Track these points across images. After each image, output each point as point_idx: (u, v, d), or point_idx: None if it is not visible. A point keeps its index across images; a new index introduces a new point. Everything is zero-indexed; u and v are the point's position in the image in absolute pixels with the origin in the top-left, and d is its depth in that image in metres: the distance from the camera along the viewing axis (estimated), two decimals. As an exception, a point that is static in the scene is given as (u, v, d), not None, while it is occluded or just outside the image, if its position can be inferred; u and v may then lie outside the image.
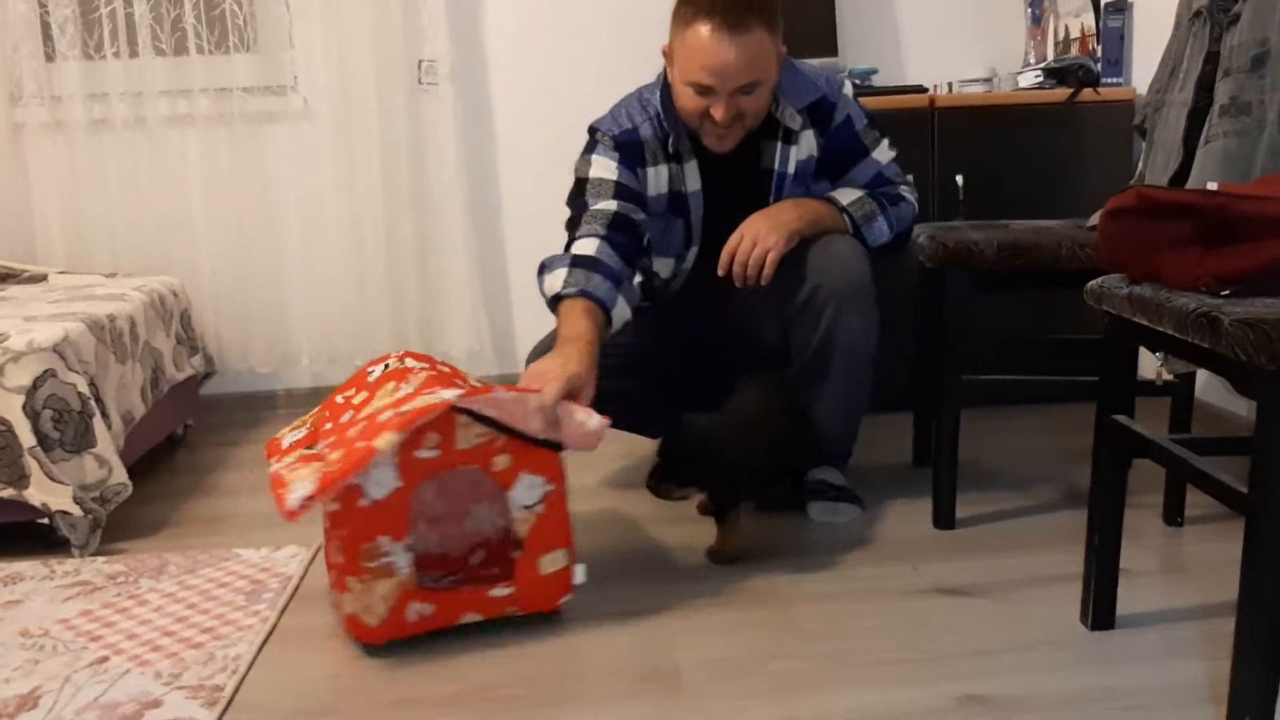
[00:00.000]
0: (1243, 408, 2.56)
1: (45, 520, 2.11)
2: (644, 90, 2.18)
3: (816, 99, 2.11)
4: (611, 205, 2.07)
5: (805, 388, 2.11)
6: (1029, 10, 3.24)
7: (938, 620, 1.70)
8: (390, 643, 1.65)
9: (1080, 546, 1.67)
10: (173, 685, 1.57)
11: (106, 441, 2.17)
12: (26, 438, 2.07)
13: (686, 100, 2.02)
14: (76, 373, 2.14)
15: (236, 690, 1.56)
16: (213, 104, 3.13)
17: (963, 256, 1.98)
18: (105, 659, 1.66)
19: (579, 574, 1.73)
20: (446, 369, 1.80)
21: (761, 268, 1.99)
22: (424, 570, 1.71)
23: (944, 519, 2.09)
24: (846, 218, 2.09)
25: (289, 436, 1.82)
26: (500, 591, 1.68)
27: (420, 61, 3.14)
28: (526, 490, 1.65)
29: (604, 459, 2.66)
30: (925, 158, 2.87)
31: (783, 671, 1.55)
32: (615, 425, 2.47)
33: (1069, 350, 2.59)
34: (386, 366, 1.82)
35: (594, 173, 2.12)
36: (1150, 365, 2.25)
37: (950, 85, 3.09)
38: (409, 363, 1.80)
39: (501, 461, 1.63)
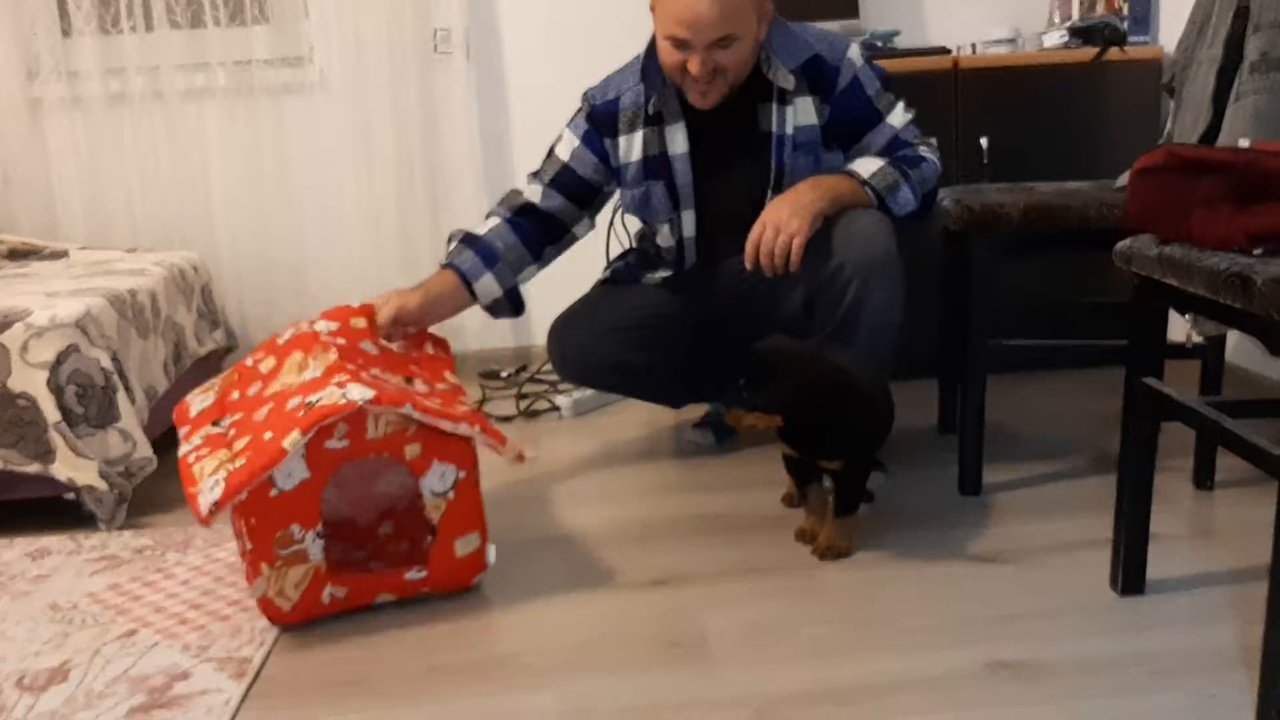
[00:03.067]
0: (1274, 370, 2.53)
1: (71, 495, 2.13)
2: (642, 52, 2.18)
3: (810, 59, 2.07)
4: (535, 191, 2.24)
5: None
6: (1053, -32, 3.18)
7: (966, 586, 1.69)
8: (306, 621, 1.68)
9: (1109, 511, 1.66)
10: (201, 657, 1.58)
11: (130, 416, 2.17)
12: (51, 413, 2.08)
13: (666, 55, 2.04)
14: (99, 348, 2.14)
15: (264, 662, 1.57)
16: (230, 77, 3.12)
17: (988, 220, 1.96)
18: (133, 632, 1.68)
19: (491, 555, 1.75)
20: (339, 334, 1.85)
21: (789, 255, 1.96)
22: (332, 539, 1.70)
23: (971, 485, 2.07)
24: (869, 190, 2.03)
25: (197, 402, 1.84)
26: (414, 575, 1.70)
27: (435, 30, 3.13)
28: (438, 478, 1.67)
29: (627, 429, 2.66)
30: (949, 120, 2.83)
31: (810, 638, 1.55)
32: (639, 396, 2.50)
33: (1096, 313, 2.57)
34: (297, 329, 1.86)
35: (558, 147, 2.26)
36: (1179, 328, 2.23)
37: (974, 46, 3.04)
38: (320, 326, 1.85)
39: (413, 450, 1.65)
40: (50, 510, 2.17)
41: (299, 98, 3.19)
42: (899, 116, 2.11)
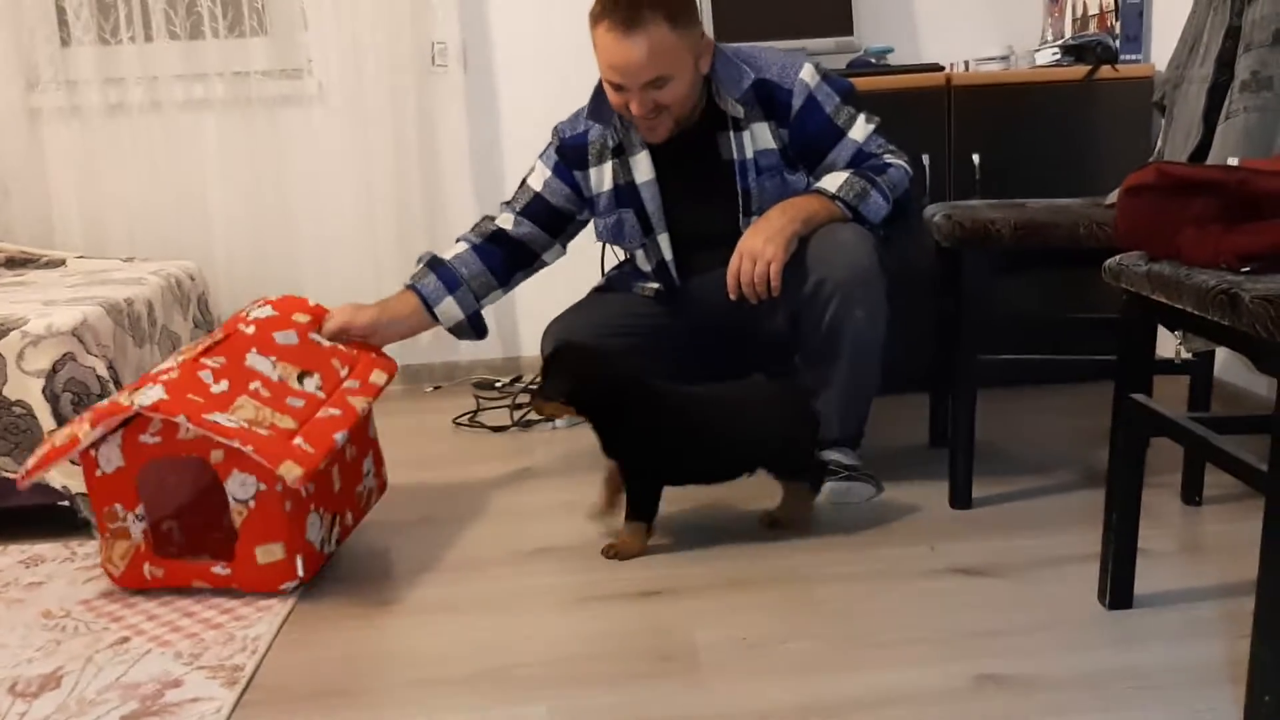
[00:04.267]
0: (1262, 386, 2.54)
1: (66, 503, 2.13)
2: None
3: (756, 85, 2.11)
4: (508, 219, 2.30)
5: (811, 374, 2.11)
6: (1047, -13, 3.21)
7: (955, 600, 1.70)
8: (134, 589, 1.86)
9: (1097, 526, 1.67)
10: (193, 665, 1.58)
11: (125, 425, 2.18)
12: (47, 421, 2.08)
13: (610, 96, 2.10)
14: (95, 356, 2.15)
15: (256, 670, 1.57)
16: (228, 88, 3.14)
17: (980, 236, 1.97)
18: (126, 639, 1.68)
19: (299, 567, 1.80)
20: (268, 321, 1.99)
21: (769, 281, 1.98)
22: (159, 510, 1.87)
23: (961, 499, 2.08)
24: (840, 204, 2.06)
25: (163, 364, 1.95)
26: (220, 570, 1.82)
27: (433, 43, 3.15)
28: (239, 485, 1.76)
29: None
30: (941, 136, 2.85)
31: (800, 651, 1.56)
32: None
33: (1086, 329, 2.58)
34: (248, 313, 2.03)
35: (530, 178, 2.32)
36: (1169, 343, 2.24)
37: (967, 63, 3.06)
38: (255, 313, 2.01)
39: (217, 455, 1.76)
40: (44, 518, 2.16)
41: (297, 109, 3.20)
42: (861, 130, 2.13)
